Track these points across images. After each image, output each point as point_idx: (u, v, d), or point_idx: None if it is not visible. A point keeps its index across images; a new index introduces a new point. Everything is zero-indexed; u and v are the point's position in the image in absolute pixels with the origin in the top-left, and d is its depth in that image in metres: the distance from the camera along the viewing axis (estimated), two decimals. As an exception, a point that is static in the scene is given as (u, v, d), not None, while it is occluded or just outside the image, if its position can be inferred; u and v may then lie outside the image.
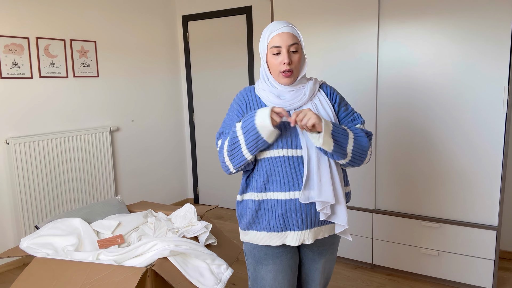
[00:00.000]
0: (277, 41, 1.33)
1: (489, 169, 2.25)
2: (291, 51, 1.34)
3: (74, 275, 1.53)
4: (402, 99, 2.45)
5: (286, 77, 1.34)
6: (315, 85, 1.40)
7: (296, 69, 1.36)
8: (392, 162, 2.54)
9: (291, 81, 1.36)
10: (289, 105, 1.35)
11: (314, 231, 1.35)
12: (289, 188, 1.32)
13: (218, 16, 3.87)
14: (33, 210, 2.89)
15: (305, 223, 1.33)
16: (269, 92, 1.38)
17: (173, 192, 4.25)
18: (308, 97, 1.37)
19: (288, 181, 1.32)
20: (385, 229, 2.62)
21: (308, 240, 1.35)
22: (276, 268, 1.40)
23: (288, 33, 1.34)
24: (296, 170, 1.32)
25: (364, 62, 2.53)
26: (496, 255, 2.30)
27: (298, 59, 1.35)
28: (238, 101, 1.43)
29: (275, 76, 1.37)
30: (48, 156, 2.97)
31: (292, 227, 1.34)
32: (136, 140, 3.78)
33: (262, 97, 1.39)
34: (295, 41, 1.34)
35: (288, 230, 1.34)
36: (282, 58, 1.32)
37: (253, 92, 1.43)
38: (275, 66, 1.35)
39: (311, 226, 1.34)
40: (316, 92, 1.41)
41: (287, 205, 1.32)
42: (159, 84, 3.98)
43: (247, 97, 1.42)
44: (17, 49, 2.81)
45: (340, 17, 2.56)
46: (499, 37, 2.12)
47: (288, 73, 1.34)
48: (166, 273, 1.53)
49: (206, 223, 1.95)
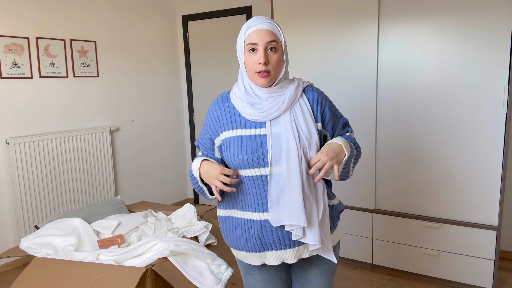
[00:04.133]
0: (254, 37, 1.19)
1: (489, 169, 2.25)
2: (268, 49, 1.20)
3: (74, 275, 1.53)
4: (402, 99, 2.45)
5: (262, 78, 1.21)
6: (297, 89, 1.25)
7: (274, 71, 1.21)
8: (392, 162, 2.54)
9: (267, 82, 1.22)
10: (266, 115, 1.22)
11: (295, 250, 1.25)
12: (263, 209, 1.23)
13: (218, 16, 3.87)
14: (33, 210, 2.89)
15: (283, 243, 1.23)
16: (244, 101, 1.25)
17: (173, 192, 4.25)
18: (287, 106, 1.22)
19: (262, 201, 1.23)
20: (385, 229, 2.62)
21: (290, 260, 1.26)
22: (263, 278, 1.36)
23: (266, 29, 1.19)
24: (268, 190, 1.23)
25: (364, 62, 2.53)
26: (496, 255, 2.30)
27: (276, 59, 1.21)
28: (210, 114, 1.32)
29: (251, 76, 1.23)
30: (48, 156, 2.97)
31: (270, 247, 1.25)
32: (136, 140, 3.78)
33: (237, 106, 1.26)
34: (273, 38, 1.20)
35: (266, 251, 1.26)
36: (258, 57, 1.19)
37: (228, 101, 1.30)
38: (251, 66, 1.21)
39: (291, 246, 1.24)
40: (298, 98, 1.25)
41: (262, 225, 1.23)
42: (159, 84, 3.98)
43: (219, 109, 1.30)
44: (17, 49, 2.81)
45: (340, 17, 2.56)
46: (499, 37, 2.12)
47: (264, 73, 1.20)
48: (166, 273, 1.53)
49: (206, 223, 1.95)
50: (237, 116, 1.27)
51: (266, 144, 1.22)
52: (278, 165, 1.20)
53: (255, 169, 1.22)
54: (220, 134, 1.28)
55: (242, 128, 1.25)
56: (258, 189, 1.23)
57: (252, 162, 1.21)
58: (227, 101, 1.30)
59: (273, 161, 1.20)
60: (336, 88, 2.66)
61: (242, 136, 1.24)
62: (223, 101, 1.31)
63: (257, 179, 1.23)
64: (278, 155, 1.20)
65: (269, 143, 1.21)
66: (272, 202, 1.21)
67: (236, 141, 1.24)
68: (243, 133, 1.24)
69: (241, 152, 1.22)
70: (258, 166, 1.21)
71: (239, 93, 1.27)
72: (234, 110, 1.28)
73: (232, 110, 1.28)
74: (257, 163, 1.21)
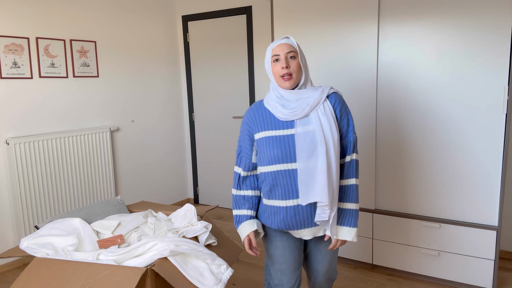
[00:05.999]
0: (277, 50, 1.52)
1: (489, 169, 2.25)
2: (288, 58, 1.51)
3: (74, 275, 1.53)
4: (402, 99, 2.45)
5: (286, 81, 1.50)
6: (322, 94, 1.52)
7: (295, 73, 1.51)
8: (392, 162, 2.54)
9: (291, 84, 1.51)
10: (294, 114, 1.49)
11: (311, 230, 1.56)
12: (288, 197, 1.51)
13: (218, 16, 3.87)
14: (33, 210, 2.90)
15: (303, 224, 1.54)
16: (277, 103, 1.53)
17: (173, 192, 4.25)
18: (311, 108, 1.49)
19: (288, 191, 1.51)
20: (385, 229, 2.62)
21: (307, 237, 1.58)
22: (283, 244, 1.63)
23: (285, 43, 1.52)
24: (295, 181, 1.50)
25: (364, 62, 2.53)
26: (496, 255, 2.30)
27: (295, 64, 1.51)
28: (247, 120, 1.61)
29: (277, 81, 1.53)
30: (48, 156, 2.97)
31: (292, 228, 1.55)
32: (136, 140, 3.78)
33: (271, 108, 1.54)
34: (291, 49, 1.51)
35: (289, 230, 1.58)
36: (281, 64, 1.50)
37: (261, 108, 1.59)
38: (276, 73, 1.52)
39: (309, 226, 1.55)
40: (323, 102, 1.52)
41: (287, 211, 1.52)
42: (159, 84, 3.98)
43: (254, 115, 1.59)
44: (17, 49, 2.81)
45: (340, 17, 2.56)
46: (499, 37, 2.12)
47: (287, 76, 1.50)
48: (166, 273, 1.53)
49: (206, 223, 1.95)
50: (268, 119, 1.55)
51: (294, 142, 1.49)
52: (305, 160, 1.46)
53: (284, 164, 1.49)
54: (255, 135, 1.57)
55: (273, 129, 1.53)
56: (285, 181, 1.50)
57: (281, 158, 1.49)
58: (260, 108, 1.59)
59: (300, 156, 1.46)
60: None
61: (273, 136, 1.52)
62: (256, 108, 1.60)
63: (285, 173, 1.50)
64: (305, 151, 1.46)
65: (297, 140, 1.48)
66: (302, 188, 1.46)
67: (268, 141, 1.52)
68: (274, 133, 1.52)
69: (272, 150, 1.50)
70: (286, 161, 1.49)
71: (271, 100, 1.56)
72: (266, 114, 1.56)
73: (265, 114, 1.57)
74: (286, 158, 1.49)
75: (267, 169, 1.53)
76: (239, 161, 1.64)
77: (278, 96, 1.55)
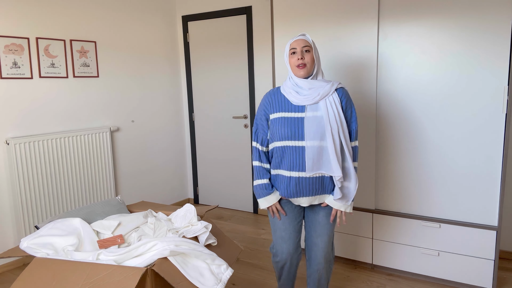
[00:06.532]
0: (294, 45, 1.82)
1: (489, 169, 2.25)
2: (304, 51, 1.79)
3: (74, 275, 1.53)
4: (402, 99, 2.45)
5: (301, 69, 1.79)
6: (331, 87, 1.80)
7: (309, 64, 1.80)
8: (392, 162, 2.54)
9: (305, 73, 1.80)
10: (306, 100, 1.78)
11: (308, 198, 1.85)
12: (293, 169, 1.80)
13: (218, 16, 3.87)
14: (33, 210, 2.90)
15: (301, 193, 1.82)
16: (292, 89, 1.83)
17: (173, 192, 4.25)
18: (321, 97, 1.77)
19: (293, 164, 1.79)
20: (385, 229, 2.62)
21: (304, 204, 1.87)
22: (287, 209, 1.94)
23: (302, 39, 1.81)
24: (300, 156, 1.78)
25: (364, 62, 2.53)
26: (496, 255, 2.30)
27: (310, 57, 1.80)
28: (265, 102, 1.91)
29: (293, 70, 1.82)
30: (48, 156, 2.97)
31: (292, 195, 1.84)
32: (136, 140, 3.78)
33: (287, 94, 1.83)
34: (307, 44, 1.80)
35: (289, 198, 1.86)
36: (297, 55, 1.79)
37: (278, 93, 1.88)
38: (293, 63, 1.81)
39: (306, 195, 1.83)
40: (331, 94, 1.79)
41: (290, 180, 1.81)
42: (159, 84, 3.99)
43: (271, 98, 1.88)
44: (17, 49, 2.81)
45: (340, 17, 2.56)
46: (499, 37, 2.12)
47: (301, 66, 1.79)
48: (166, 273, 1.53)
49: (206, 223, 1.95)
50: (283, 103, 1.84)
51: (303, 124, 1.77)
52: (311, 139, 1.75)
53: (292, 141, 1.78)
54: (270, 115, 1.87)
55: (286, 111, 1.82)
56: (292, 156, 1.79)
57: (291, 136, 1.78)
58: (277, 93, 1.89)
59: (307, 136, 1.76)
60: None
61: (286, 118, 1.81)
62: (274, 93, 1.90)
63: (292, 149, 1.79)
64: (312, 132, 1.75)
65: (305, 122, 1.76)
66: (309, 162, 1.76)
67: (281, 121, 1.81)
68: (287, 115, 1.81)
69: (283, 128, 1.80)
70: (295, 139, 1.78)
71: (287, 87, 1.86)
72: (281, 99, 1.86)
73: (281, 98, 1.86)
74: (294, 136, 1.78)
75: (278, 144, 1.82)
76: (256, 137, 1.92)
77: (293, 84, 1.84)
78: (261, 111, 1.91)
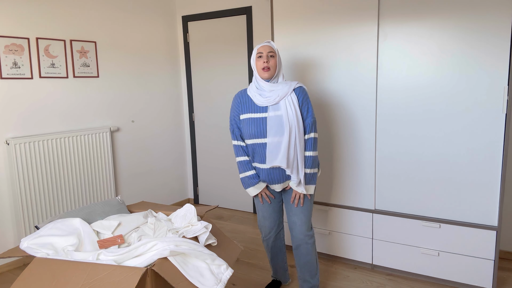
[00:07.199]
0: (261, 50, 2.06)
1: (489, 169, 2.25)
2: (269, 56, 2.04)
3: (74, 275, 1.53)
4: (402, 99, 2.45)
5: (265, 72, 2.04)
6: (289, 88, 2.04)
7: (273, 68, 2.05)
8: (392, 162, 2.54)
9: (269, 75, 2.05)
10: (268, 101, 2.03)
11: (280, 185, 2.14)
12: (263, 162, 2.09)
13: (218, 17, 3.87)
14: (33, 210, 2.90)
15: (274, 181, 2.13)
16: (256, 92, 2.07)
17: (173, 192, 4.25)
18: (280, 97, 2.02)
19: (262, 158, 2.08)
20: (385, 229, 2.62)
21: (277, 189, 2.18)
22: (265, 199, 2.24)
23: (267, 45, 2.07)
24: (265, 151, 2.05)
25: (364, 62, 2.53)
26: (496, 255, 2.30)
27: (273, 62, 2.06)
28: (236, 103, 2.15)
29: (259, 73, 2.06)
30: (48, 156, 2.97)
31: (269, 183, 2.15)
32: (136, 140, 3.78)
33: (252, 96, 2.08)
34: (271, 50, 2.06)
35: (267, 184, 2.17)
36: (263, 59, 2.04)
37: (245, 94, 2.13)
38: (259, 66, 2.06)
39: (278, 182, 2.13)
40: (290, 93, 2.04)
41: (263, 171, 2.11)
42: (159, 84, 3.99)
43: (240, 100, 2.14)
44: (17, 50, 2.82)
45: (340, 17, 2.57)
46: (499, 37, 2.13)
47: (266, 69, 2.04)
48: (166, 273, 1.53)
49: (206, 223, 1.95)
50: (249, 104, 2.09)
51: (266, 123, 2.03)
52: (272, 136, 2.01)
53: (259, 139, 2.05)
54: (240, 115, 2.11)
55: (252, 112, 2.07)
56: (260, 151, 2.07)
57: (257, 134, 2.05)
58: (244, 95, 2.13)
59: (269, 133, 2.02)
60: (335, 89, 2.66)
61: (252, 118, 2.06)
62: (242, 95, 2.14)
63: (260, 145, 2.06)
64: (273, 129, 2.01)
65: (268, 121, 2.02)
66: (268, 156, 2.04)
67: (248, 121, 2.07)
68: (253, 116, 2.06)
69: (251, 128, 2.06)
70: (261, 137, 2.05)
71: (252, 89, 2.10)
72: (248, 100, 2.10)
73: (247, 100, 2.11)
74: (260, 134, 2.05)
75: (249, 142, 2.10)
76: (234, 136, 2.16)
77: (257, 86, 2.09)
78: (234, 112, 2.15)
